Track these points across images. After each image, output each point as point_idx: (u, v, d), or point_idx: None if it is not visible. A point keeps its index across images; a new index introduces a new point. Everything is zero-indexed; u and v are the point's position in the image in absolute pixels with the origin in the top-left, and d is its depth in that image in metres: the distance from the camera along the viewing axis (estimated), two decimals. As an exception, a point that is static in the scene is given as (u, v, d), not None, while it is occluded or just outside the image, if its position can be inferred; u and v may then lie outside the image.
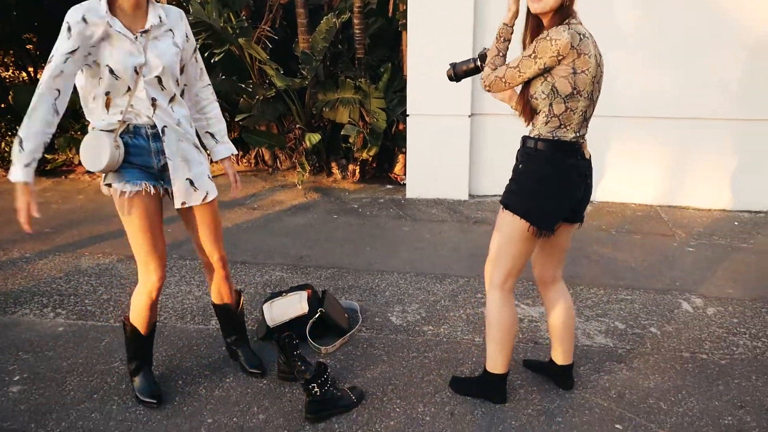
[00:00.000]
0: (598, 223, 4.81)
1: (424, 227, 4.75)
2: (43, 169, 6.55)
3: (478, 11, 5.09)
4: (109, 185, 2.35)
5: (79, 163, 6.28)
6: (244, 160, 6.57)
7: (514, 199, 2.33)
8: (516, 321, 2.48)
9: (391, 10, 5.74)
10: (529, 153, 2.29)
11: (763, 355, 2.97)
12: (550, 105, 2.21)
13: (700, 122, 5.08)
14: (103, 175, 2.34)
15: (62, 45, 2.14)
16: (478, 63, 2.40)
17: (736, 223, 4.90)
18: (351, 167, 5.96)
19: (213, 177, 2.57)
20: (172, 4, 5.96)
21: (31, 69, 7.10)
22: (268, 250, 4.27)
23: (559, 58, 2.12)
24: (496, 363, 2.50)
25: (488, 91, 2.31)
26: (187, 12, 5.38)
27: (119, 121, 2.27)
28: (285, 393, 2.63)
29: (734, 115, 5.01)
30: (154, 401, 2.52)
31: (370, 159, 5.92)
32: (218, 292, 2.74)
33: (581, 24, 2.21)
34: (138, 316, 2.53)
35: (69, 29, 2.14)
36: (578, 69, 2.14)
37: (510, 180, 2.38)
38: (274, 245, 4.37)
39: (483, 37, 5.13)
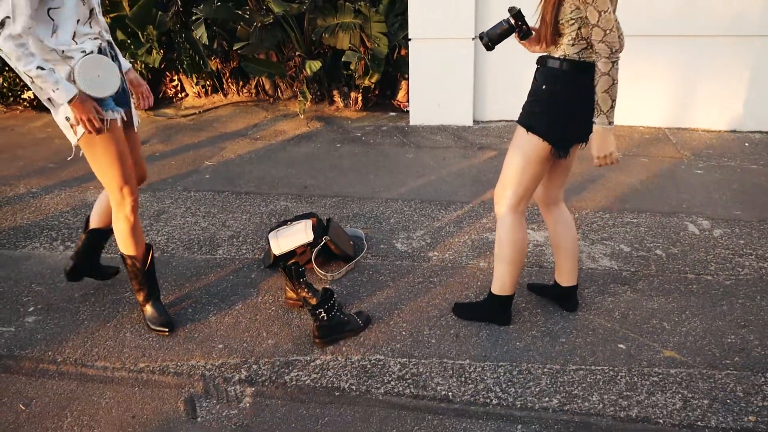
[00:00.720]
0: (605, 147, 4.75)
1: (428, 154, 4.70)
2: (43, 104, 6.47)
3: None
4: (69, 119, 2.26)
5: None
6: (245, 90, 6.45)
7: (536, 120, 2.29)
8: (526, 244, 2.49)
9: (391, -73, 5.46)
10: (555, 74, 2.24)
11: None
12: (579, 28, 2.16)
13: (708, 40, 4.90)
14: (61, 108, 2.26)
15: None
16: (511, 21, 2.30)
17: (746, 144, 4.82)
18: (353, 95, 5.85)
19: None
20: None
21: None
22: (272, 180, 4.25)
23: None
24: (504, 284, 2.52)
25: (618, 53, 2.14)
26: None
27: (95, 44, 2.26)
28: (293, 319, 2.68)
29: (744, 32, 4.83)
30: (166, 329, 2.58)
31: (373, 86, 5.79)
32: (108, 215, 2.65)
33: None
34: (125, 243, 2.54)
35: None
36: None
37: (529, 101, 2.33)
38: (277, 175, 4.35)
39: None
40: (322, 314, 2.46)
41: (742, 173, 4.25)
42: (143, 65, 5.93)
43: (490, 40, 2.34)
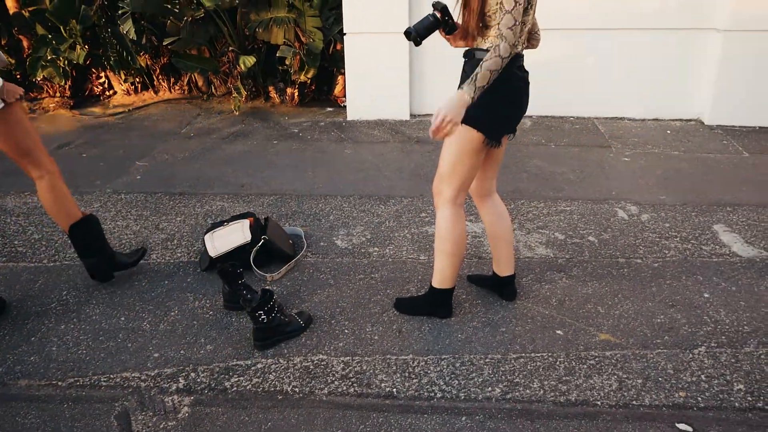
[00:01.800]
0: (538, 138, 4.86)
1: (366, 149, 4.69)
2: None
3: None
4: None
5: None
6: (177, 87, 6.26)
7: (468, 111, 2.26)
8: (465, 236, 2.51)
9: None
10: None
11: (692, 256, 3.13)
12: None
13: (631, 33, 5.09)
14: None
15: None
16: (437, 15, 2.30)
17: (668, 131, 5.04)
18: (289, 91, 5.77)
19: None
20: None
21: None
22: (207, 180, 4.14)
23: None
24: (444, 278, 2.54)
25: (521, 49, 2.23)
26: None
27: None
28: (232, 323, 2.62)
29: (664, 25, 5.05)
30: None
31: (309, 81, 5.73)
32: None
33: None
34: (63, 208, 2.70)
35: None
36: None
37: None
38: (213, 174, 4.24)
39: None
40: (262, 316, 2.41)
41: (665, 159, 4.44)
42: (66, 62, 5.66)
43: (418, 34, 2.32)
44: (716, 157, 4.50)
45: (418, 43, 2.34)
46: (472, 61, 2.30)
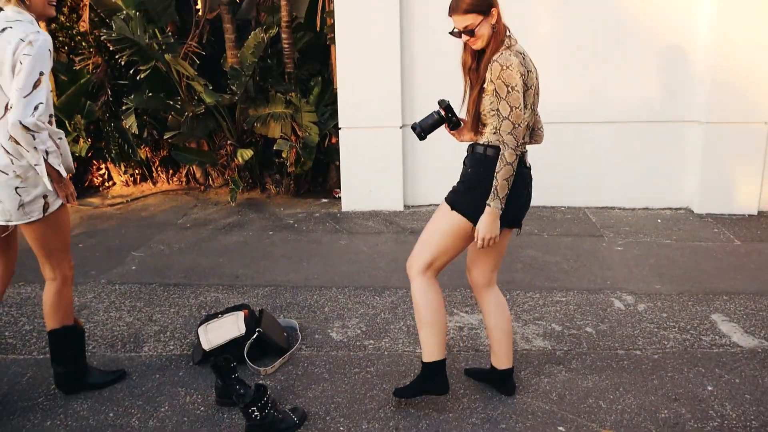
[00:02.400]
0: (531, 228, 4.92)
1: (360, 240, 4.73)
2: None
3: (405, 25, 5.15)
4: None
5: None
6: (175, 179, 6.37)
7: (459, 198, 2.42)
8: (443, 303, 2.52)
9: (319, 25, 5.72)
10: (478, 158, 2.38)
11: (692, 347, 3.09)
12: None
13: (619, 126, 5.30)
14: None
15: None
16: (441, 113, 2.47)
17: (659, 220, 5.12)
18: (285, 182, 5.88)
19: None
20: (95, 22, 5.75)
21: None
22: (202, 271, 4.13)
23: (522, 77, 2.26)
24: (431, 349, 2.50)
25: (523, 146, 2.33)
26: (110, 28, 5.20)
27: None
28: (224, 419, 2.53)
29: (650, 118, 5.26)
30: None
31: (304, 173, 5.85)
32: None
33: (515, 40, 2.35)
34: (61, 311, 2.66)
35: None
36: (528, 84, 2.30)
37: (458, 183, 2.47)
38: (208, 265, 4.24)
39: (410, 50, 5.19)
40: (255, 413, 2.34)
41: (658, 248, 4.48)
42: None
43: (423, 130, 2.48)
44: (708, 245, 4.55)
45: (422, 138, 2.49)
46: (471, 155, 2.42)
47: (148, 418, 2.54)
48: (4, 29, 2.31)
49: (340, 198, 5.56)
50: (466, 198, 2.40)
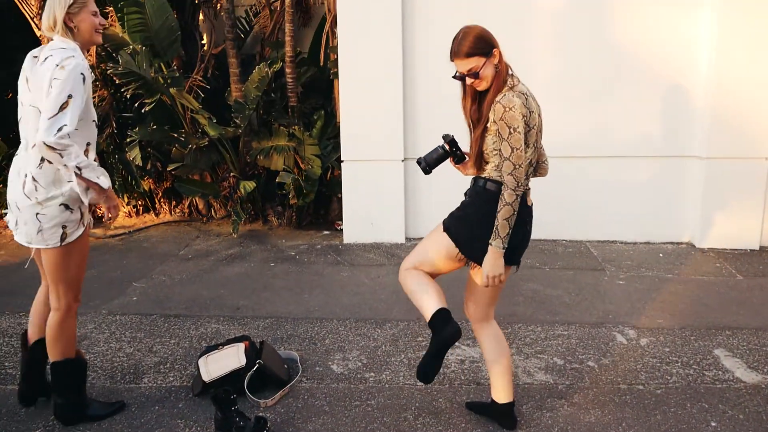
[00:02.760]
0: (532, 261, 4.92)
1: (362, 272, 4.73)
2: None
3: (407, 60, 5.25)
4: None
5: (2, 217, 5.99)
6: (178, 210, 6.41)
7: (454, 224, 2.47)
8: (424, 276, 2.51)
9: (322, 60, 5.83)
10: (479, 191, 2.43)
11: (695, 382, 3.07)
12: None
13: (620, 160, 5.35)
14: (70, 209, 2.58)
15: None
16: (446, 147, 2.53)
17: (661, 254, 5.12)
18: (287, 214, 5.91)
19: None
20: (102, 56, 5.86)
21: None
22: (203, 302, 4.13)
23: (525, 118, 2.30)
24: (428, 307, 2.42)
25: (525, 185, 2.37)
26: (116, 62, 5.30)
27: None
28: (223, 452, 2.51)
29: (651, 153, 5.31)
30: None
31: (307, 205, 5.89)
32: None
33: (518, 80, 2.39)
34: (63, 342, 2.67)
35: None
36: (530, 125, 2.34)
37: (456, 208, 2.52)
38: (209, 296, 4.24)
39: (413, 84, 5.28)
40: (254, 446, 2.32)
41: (660, 282, 4.48)
42: (71, 186, 5.84)
43: (428, 164, 2.53)
44: (710, 279, 4.55)
45: (427, 172, 2.55)
46: (473, 187, 2.48)
47: (146, 451, 2.52)
48: (46, 58, 2.42)
49: (341, 230, 5.59)
50: (460, 225, 2.45)
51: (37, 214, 2.47)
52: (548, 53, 5.25)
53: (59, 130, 2.29)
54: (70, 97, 2.33)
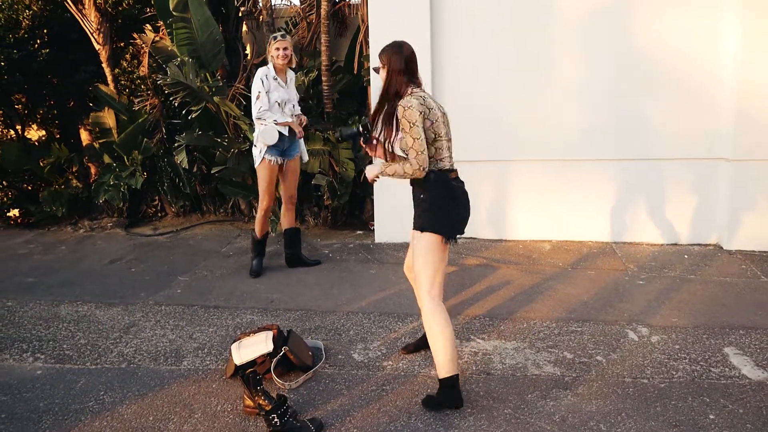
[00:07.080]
0: (555, 261, 5.07)
1: (390, 270, 4.98)
2: (28, 222, 6.74)
3: (436, 69, 5.45)
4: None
5: (63, 216, 6.51)
6: (221, 210, 6.80)
7: (423, 220, 2.93)
8: (449, 323, 2.86)
9: (356, 68, 6.10)
10: (420, 183, 2.91)
11: (700, 378, 3.19)
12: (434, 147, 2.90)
13: (647, 162, 5.42)
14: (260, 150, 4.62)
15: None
16: (360, 129, 3.12)
17: (686, 256, 5.18)
18: (323, 214, 6.21)
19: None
20: (153, 67, 6.29)
21: (18, 127, 7.35)
22: (240, 295, 4.46)
23: (422, 115, 2.80)
24: (445, 366, 2.84)
25: (424, 168, 2.84)
26: (164, 74, 5.71)
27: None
28: (249, 426, 2.80)
29: (678, 155, 5.36)
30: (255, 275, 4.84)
31: (341, 206, 6.17)
32: (287, 220, 4.96)
33: (422, 89, 2.95)
34: (258, 226, 4.86)
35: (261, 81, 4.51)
36: (432, 119, 2.85)
37: (415, 211, 2.97)
38: (246, 290, 4.57)
39: (441, 90, 5.49)
40: (275, 419, 2.60)
41: (681, 283, 4.56)
42: (126, 186, 6.30)
43: (342, 137, 3.20)
44: (733, 281, 4.59)
45: (339, 142, 3.23)
46: (416, 181, 2.96)
47: (183, 423, 2.83)
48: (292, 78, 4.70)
49: (374, 230, 5.84)
50: (424, 217, 2.90)
51: (252, 146, 4.83)
52: (572, 59, 5.38)
53: (259, 110, 4.55)
54: (259, 93, 4.58)
